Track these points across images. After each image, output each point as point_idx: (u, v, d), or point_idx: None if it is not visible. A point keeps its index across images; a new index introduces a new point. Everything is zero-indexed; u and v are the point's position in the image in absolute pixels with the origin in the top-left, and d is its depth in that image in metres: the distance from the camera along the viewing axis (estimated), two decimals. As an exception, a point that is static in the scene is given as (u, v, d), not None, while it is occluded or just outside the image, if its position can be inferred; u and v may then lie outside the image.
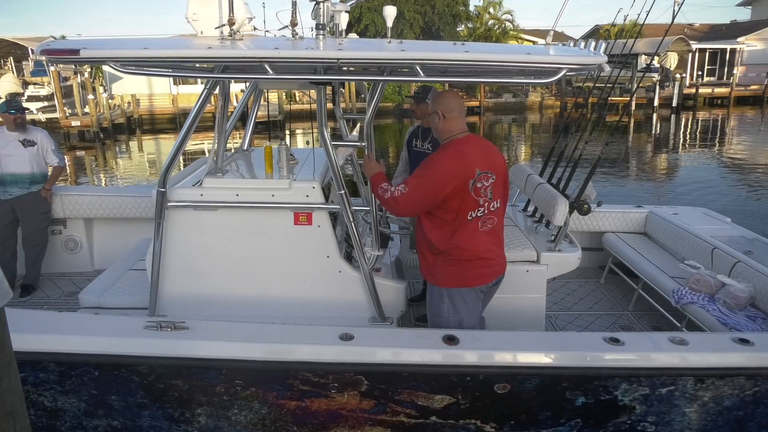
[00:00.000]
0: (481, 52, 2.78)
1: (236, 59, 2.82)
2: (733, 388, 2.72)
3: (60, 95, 22.49)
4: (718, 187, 12.28)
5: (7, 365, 1.30)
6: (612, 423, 2.82)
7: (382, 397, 2.71)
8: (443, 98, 2.95)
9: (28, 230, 4.73)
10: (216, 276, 3.26)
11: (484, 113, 29.55)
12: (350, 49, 2.76)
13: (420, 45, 2.91)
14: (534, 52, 2.77)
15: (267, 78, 2.79)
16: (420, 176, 2.80)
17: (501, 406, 2.74)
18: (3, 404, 1.28)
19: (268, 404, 2.75)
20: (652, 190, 12.47)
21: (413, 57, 2.70)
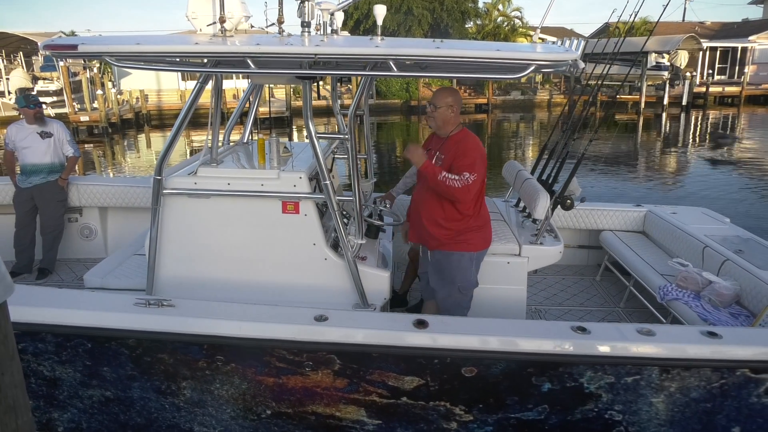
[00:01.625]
0: (452, 48, 2.91)
1: (220, 54, 3.00)
2: (700, 380, 2.77)
3: (69, 90, 22.61)
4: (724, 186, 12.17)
5: (9, 359, 1.29)
6: (579, 410, 2.88)
7: (355, 376, 2.84)
8: (454, 93, 3.41)
9: (46, 217, 5.00)
10: (209, 260, 3.42)
11: (492, 111, 29.42)
12: (328, 46, 2.91)
13: (396, 42, 3.04)
14: (504, 48, 2.90)
15: (252, 72, 2.98)
16: (474, 162, 3.25)
17: (469, 390, 2.85)
18: (5, 398, 1.28)
19: (248, 380, 2.91)
20: (658, 188, 12.38)
21: (386, 53, 2.85)
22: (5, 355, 1.28)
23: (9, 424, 1.29)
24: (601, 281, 5.22)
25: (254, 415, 3.04)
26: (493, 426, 2.96)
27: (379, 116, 28.18)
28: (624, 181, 13.01)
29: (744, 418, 2.88)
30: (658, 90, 28.19)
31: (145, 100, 25.43)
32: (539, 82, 34.36)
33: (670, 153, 17.71)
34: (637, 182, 13.06)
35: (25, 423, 1.34)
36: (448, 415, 2.93)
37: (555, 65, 2.92)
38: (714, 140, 19.77)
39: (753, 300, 3.61)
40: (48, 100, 24.10)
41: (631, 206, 5.43)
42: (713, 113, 28.04)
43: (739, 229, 4.63)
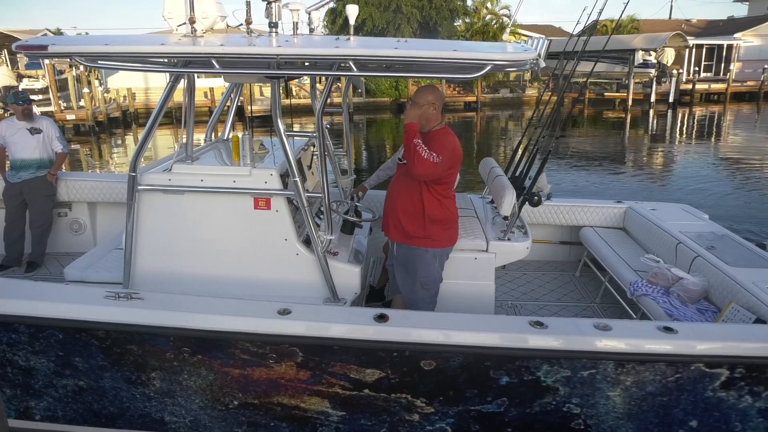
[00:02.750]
0: (410, 49, 2.96)
1: (184, 55, 3.07)
2: (655, 374, 2.82)
3: (55, 88, 22.30)
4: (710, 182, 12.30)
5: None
6: (538, 403, 2.94)
7: (317, 368, 2.91)
8: (436, 92, 3.46)
9: (35, 211, 5.14)
10: (184, 255, 3.48)
11: (481, 108, 29.50)
12: (291, 47, 2.98)
13: (357, 42, 3.08)
14: (460, 49, 2.95)
15: (217, 72, 3.05)
16: (443, 148, 3.29)
17: (429, 382, 2.90)
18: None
19: (214, 371, 2.98)
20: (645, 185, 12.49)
21: (346, 53, 2.92)
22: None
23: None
24: (580, 277, 5.27)
25: (222, 406, 3.11)
26: (454, 418, 3.02)
27: (368, 114, 28.14)
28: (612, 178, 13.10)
29: (701, 412, 2.93)
30: (645, 87, 28.41)
31: (132, 98, 25.19)
32: (527, 80, 34.47)
33: (658, 149, 17.87)
34: (625, 179, 13.17)
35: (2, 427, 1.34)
36: (409, 407, 2.99)
37: (512, 65, 2.96)
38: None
39: (720, 296, 3.65)
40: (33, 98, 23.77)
41: (612, 203, 5.47)
42: (699, 110, 28.32)
43: (716, 226, 4.66)
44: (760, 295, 3.31)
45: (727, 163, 15.25)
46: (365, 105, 29.23)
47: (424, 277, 3.54)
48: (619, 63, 27.87)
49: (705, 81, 32.44)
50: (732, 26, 37.78)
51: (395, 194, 3.56)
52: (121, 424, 3.28)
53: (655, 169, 14.86)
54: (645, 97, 28.00)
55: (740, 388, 2.85)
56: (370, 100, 29.79)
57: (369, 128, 25.25)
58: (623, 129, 23.01)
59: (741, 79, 32.59)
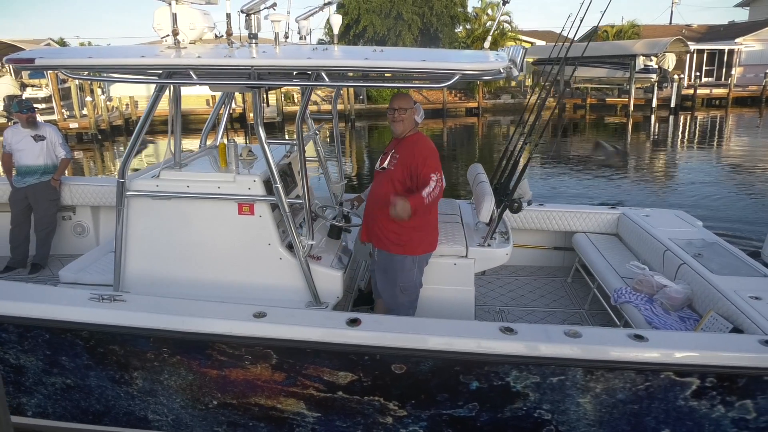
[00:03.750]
0: (380, 59, 3.05)
1: (162, 66, 3.19)
2: (624, 382, 2.82)
3: (58, 97, 22.43)
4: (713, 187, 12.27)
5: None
6: (509, 409, 2.97)
7: (292, 370, 2.98)
8: (412, 98, 3.59)
9: (39, 215, 5.31)
10: (172, 259, 3.57)
11: (482, 114, 29.54)
12: (264, 58, 3.09)
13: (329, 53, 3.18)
14: (429, 58, 3.01)
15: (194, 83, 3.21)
16: (436, 162, 3.45)
17: (400, 386, 2.96)
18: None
19: (193, 371, 3.08)
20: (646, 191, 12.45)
21: (317, 64, 3.02)
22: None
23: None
24: (572, 283, 5.25)
25: (202, 405, 3.20)
26: (426, 422, 3.06)
27: (369, 121, 28.20)
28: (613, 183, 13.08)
29: (673, 421, 2.92)
30: (646, 92, 28.41)
31: (134, 106, 25.28)
32: (529, 86, 34.52)
33: (660, 154, 17.84)
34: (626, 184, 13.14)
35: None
36: (383, 410, 3.05)
37: (482, 74, 2.99)
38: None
39: (703, 304, 3.61)
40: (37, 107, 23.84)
41: (606, 209, 5.45)
42: (701, 115, 28.31)
43: (708, 233, 4.61)
44: (739, 304, 3.27)
45: (730, 168, 15.22)
46: (367, 111, 29.28)
47: (403, 283, 3.59)
48: (620, 68, 27.88)
49: (706, 86, 32.43)
50: (733, 31, 37.81)
51: (374, 202, 3.59)
52: (107, 422, 3.39)
53: (658, 174, 14.83)
54: (646, 103, 28.00)
55: (712, 397, 2.83)
56: (371, 106, 29.85)
57: (370, 135, 25.29)
58: (625, 134, 22.99)
59: (743, 83, 32.56)
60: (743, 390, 2.81)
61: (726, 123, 25.81)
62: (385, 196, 3.49)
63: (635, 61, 26.74)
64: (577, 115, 28.97)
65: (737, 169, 15.01)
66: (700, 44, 35.19)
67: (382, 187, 3.56)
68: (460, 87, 32.39)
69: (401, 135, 3.58)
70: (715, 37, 37.53)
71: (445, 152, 19.34)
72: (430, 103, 30.27)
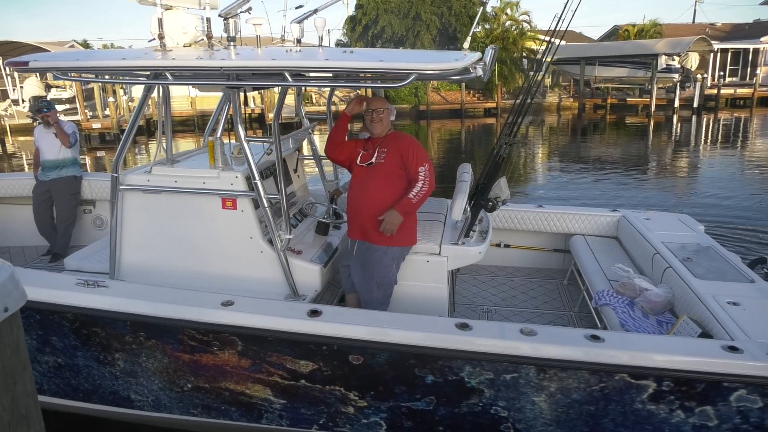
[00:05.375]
0: (338, 60, 3.18)
1: (141, 68, 3.40)
2: (579, 382, 2.83)
3: (81, 98, 22.86)
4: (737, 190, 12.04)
5: (22, 369, 1.31)
6: (465, 404, 3.01)
7: (256, 357, 3.11)
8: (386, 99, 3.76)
9: (60, 208, 5.67)
10: (162, 250, 3.79)
11: (501, 114, 29.38)
12: (233, 59, 3.25)
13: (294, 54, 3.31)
14: (386, 58, 3.14)
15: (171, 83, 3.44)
16: (424, 153, 3.63)
17: (359, 377, 3.05)
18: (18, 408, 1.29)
19: (168, 355, 3.25)
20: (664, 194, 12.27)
21: (281, 65, 3.15)
22: (18, 365, 1.30)
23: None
24: (567, 285, 5.22)
25: (178, 388, 3.37)
26: (387, 413, 3.15)
27: (388, 121, 28.20)
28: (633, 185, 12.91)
29: (632, 424, 2.89)
30: (668, 92, 28.01)
31: (155, 106, 25.60)
32: (548, 86, 34.24)
33: (682, 156, 17.58)
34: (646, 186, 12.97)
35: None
36: (344, 400, 3.15)
37: (439, 75, 3.07)
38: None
39: (683, 308, 3.56)
40: (60, 107, 24.38)
41: (607, 211, 5.39)
42: (725, 115, 27.80)
43: (706, 237, 4.51)
44: (714, 309, 3.20)
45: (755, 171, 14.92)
46: (385, 112, 29.27)
47: (380, 278, 3.69)
48: (641, 68, 27.53)
49: (730, 86, 31.82)
50: (758, 30, 37.04)
51: (362, 197, 3.68)
52: (95, 400, 3.59)
53: (680, 176, 14.60)
54: (668, 103, 27.59)
55: (670, 402, 2.79)
56: (389, 107, 29.84)
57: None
58: (646, 135, 22.68)
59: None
60: (702, 396, 2.75)
61: (750, 124, 25.30)
62: (377, 189, 3.62)
63: (657, 61, 26.39)
64: (597, 115, 28.66)
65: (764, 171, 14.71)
66: (724, 43, 34.59)
67: (372, 181, 3.65)
68: (478, 87, 32.25)
69: (381, 134, 3.71)
70: (739, 36, 36.83)
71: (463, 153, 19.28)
72: (449, 104, 30.22)
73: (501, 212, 5.33)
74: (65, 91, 25.66)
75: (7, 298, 1.24)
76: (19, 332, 1.31)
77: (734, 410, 2.74)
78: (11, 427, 1.28)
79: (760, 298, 3.33)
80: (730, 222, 9.07)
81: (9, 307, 1.25)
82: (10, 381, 1.26)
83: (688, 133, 22.94)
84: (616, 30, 37.77)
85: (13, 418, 1.28)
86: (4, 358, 1.25)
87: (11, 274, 1.28)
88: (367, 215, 3.64)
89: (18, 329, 1.31)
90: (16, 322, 1.29)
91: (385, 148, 3.67)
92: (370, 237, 3.67)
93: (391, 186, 3.63)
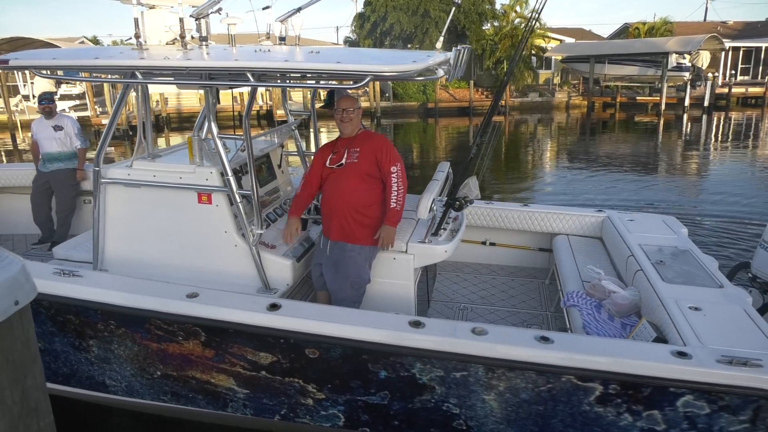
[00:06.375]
0: (297, 62, 3.30)
1: (110, 67, 3.55)
2: (526, 382, 2.85)
3: (91, 94, 22.98)
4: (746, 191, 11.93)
5: (32, 362, 1.32)
6: (418, 400, 3.07)
7: (219, 348, 3.22)
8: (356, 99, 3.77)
9: (60, 199, 5.79)
10: (144, 242, 3.90)
11: (509, 113, 29.26)
12: (204, 59, 3.41)
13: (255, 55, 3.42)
14: (344, 60, 3.20)
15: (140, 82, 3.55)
16: (395, 152, 3.71)
17: (315, 370, 3.14)
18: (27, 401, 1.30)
19: (137, 343, 3.37)
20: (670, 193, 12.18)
21: (242, 66, 3.26)
22: (28, 358, 1.31)
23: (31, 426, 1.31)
24: (548, 285, 5.20)
25: (148, 375, 3.49)
26: (344, 406, 3.23)
27: (395, 118, 28.18)
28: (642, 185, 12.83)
29: (580, 426, 2.91)
30: (679, 91, 27.78)
31: (165, 103, 25.71)
32: (557, 84, 34.07)
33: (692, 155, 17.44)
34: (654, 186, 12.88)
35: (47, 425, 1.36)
36: (303, 392, 3.24)
37: (396, 76, 3.17)
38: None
39: (647, 311, 3.54)
40: (70, 103, 24.55)
41: (592, 211, 5.35)
42: (736, 114, 27.55)
43: (686, 241, 4.44)
44: (673, 314, 3.18)
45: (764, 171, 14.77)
46: (392, 109, 29.27)
47: (354, 278, 3.75)
48: (651, 66, 27.30)
49: (742, 84, 31.51)
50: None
51: (336, 197, 3.73)
52: (74, 384, 3.70)
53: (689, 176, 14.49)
54: (678, 101, 27.37)
55: (618, 405, 2.80)
56: (397, 104, 29.83)
57: (396, 132, 25.28)
58: (656, 134, 22.51)
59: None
60: (649, 400, 2.74)
61: (762, 123, 25.04)
62: (353, 189, 3.68)
63: (668, 59, 26.15)
64: (606, 114, 28.47)
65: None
66: (736, 41, 34.23)
67: (346, 181, 3.71)
68: (487, 85, 32.11)
69: (352, 134, 3.75)
70: (751, 34, 36.44)
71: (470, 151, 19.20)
72: (457, 101, 30.11)
73: (487, 211, 5.41)
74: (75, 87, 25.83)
75: (18, 292, 1.25)
76: (29, 326, 1.32)
77: (681, 415, 2.74)
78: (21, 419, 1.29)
79: (723, 304, 3.29)
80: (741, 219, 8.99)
81: (20, 301, 1.26)
82: (20, 374, 1.27)
83: (699, 132, 22.75)
84: (627, 28, 37.47)
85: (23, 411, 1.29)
86: (15, 352, 1.26)
87: (22, 267, 1.29)
88: (344, 215, 3.68)
89: (28, 323, 1.32)
90: (26, 316, 1.30)
91: (357, 148, 3.71)
92: (347, 237, 3.71)
93: (366, 184, 3.70)
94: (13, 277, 1.24)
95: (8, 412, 1.25)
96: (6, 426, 1.24)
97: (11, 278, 1.23)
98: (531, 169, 15.76)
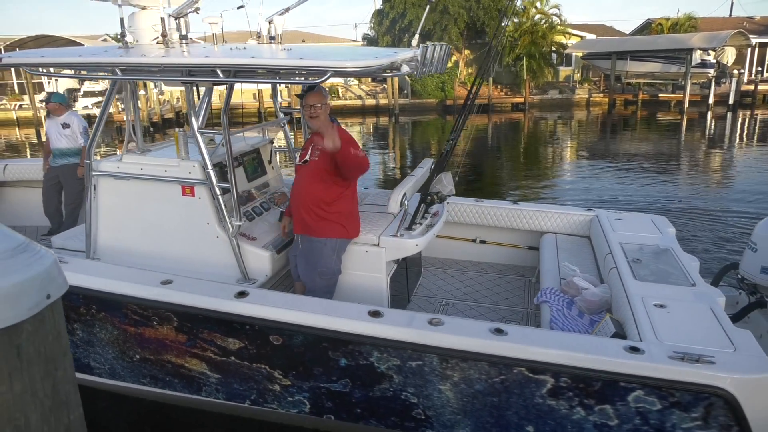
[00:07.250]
0: (262, 58, 3.43)
1: (92, 64, 3.72)
2: (479, 373, 2.91)
3: (113, 91, 23.21)
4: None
5: (62, 355, 1.34)
6: (378, 388, 3.16)
7: (191, 333, 3.35)
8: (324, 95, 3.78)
9: (68, 192, 6.11)
10: (132, 232, 4.08)
11: (529, 110, 29.01)
12: (171, 57, 3.54)
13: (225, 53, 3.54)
14: (306, 56, 3.33)
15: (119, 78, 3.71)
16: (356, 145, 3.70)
17: (280, 356, 3.24)
18: (58, 394, 1.32)
19: (117, 327, 3.52)
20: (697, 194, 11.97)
21: (211, 62, 3.39)
22: (59, 351, 1.32)
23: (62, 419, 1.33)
24: (535, 282, 5.15)
25: (129, 358, 3.64)
26: (309, 392, 3.34)
27: (413, 115, 28.11)
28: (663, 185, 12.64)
29: (534, 418, 2.95)
30: (702, 88, 27.25)
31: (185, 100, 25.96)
32: (578, 80, 33.66)
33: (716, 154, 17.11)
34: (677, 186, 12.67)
35: (76, 418, 1.38)
36: (270, 378, 3.35)
37: (357, 72, 3.24)
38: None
39: (615, 308, 3.54)
40: (93, 100, 24.96)
41: (581, 209, 5.30)
42: (762, 112, 26.94)
43: (671, 240, 4.35)
44: (636, 310, 3.17)
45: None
46: (410, 106, 29.22)
47: (322, 268, 3.86)
48: (675, 63, 26.84)
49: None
50: (799, 23, 35.77)
51: (299, 194, 3.87)
52: None
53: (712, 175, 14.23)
54: (702, 99, 26.84)
55: (569, 398, 2.82)
56: (415, 101, 29.76)
57: (414, 129, 25.22)
58: (678, 132, 22.13)
59: (808, 79, 30.79)
60: (601, 394, 2.75)
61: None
62: (309, 186, 3.80)
63: (691, 56, 25.68)
64: (627, 111, 28.07)
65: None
66: (763, 37, 33.47)
67: (306, 178, 3.84)
68: (507, 82, 31.86)
69: (320, 129, 3.77)
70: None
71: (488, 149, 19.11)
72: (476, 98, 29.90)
73: (477, 208, 5.45)
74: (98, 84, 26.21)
75: (50, 285, 1.27)
76: (60, 319, 1.34)
77: (633, 411, 2.74)
78: (52, 412, 1.30)
79: (690, 302, 3.27)
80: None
81: (51, 294, 1.28)
82: (51, 367, 1.29)
83: (723, 130, 22.30)
84: (649, 24, 36.87)
85: (54, 404, 1.31)
86: (47, 345, 1.28)
87: (54, 261, 1.31)
88: (304, 210, 3.82)
89: (60, 316, 1.33)
90: (58, 309, 1.32)
91: (320, 145, 3.75)
92: (309, 230, 3.84)
93: (323, 183, 3.77)
94: (45, 270, 1.25)
95: (40, 405, 1.27)
96: (38, 418, 1.26)
97: (44, 272, 1.25)
98: (549, 168, 15.61)
